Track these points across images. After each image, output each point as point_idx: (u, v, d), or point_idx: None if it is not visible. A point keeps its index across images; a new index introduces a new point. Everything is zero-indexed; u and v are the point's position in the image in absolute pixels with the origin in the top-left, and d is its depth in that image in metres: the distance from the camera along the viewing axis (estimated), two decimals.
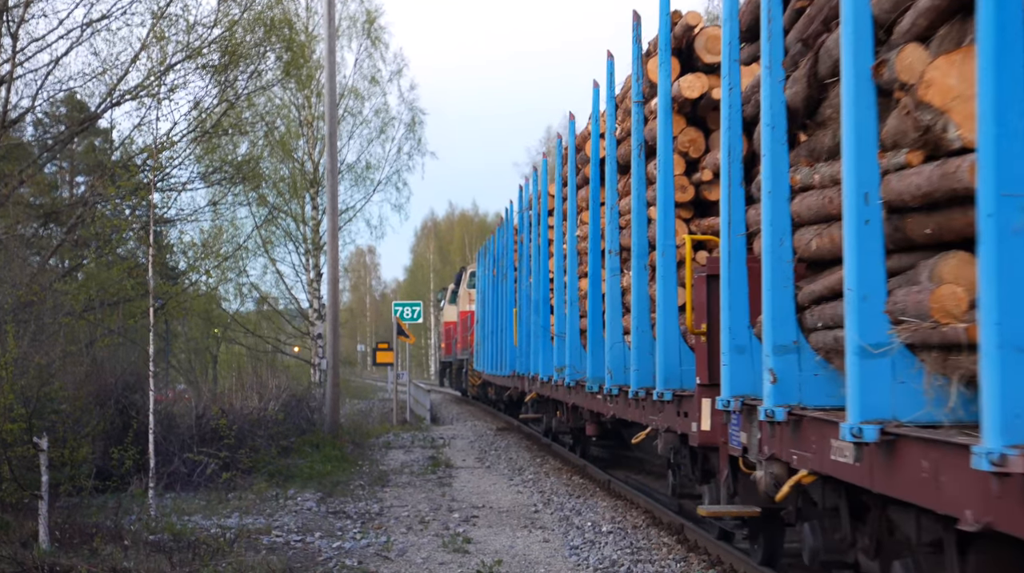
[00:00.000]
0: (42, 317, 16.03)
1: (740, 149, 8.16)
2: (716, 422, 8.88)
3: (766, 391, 6.96)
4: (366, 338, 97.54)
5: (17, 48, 19.65)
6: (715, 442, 8.98)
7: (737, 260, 8.02)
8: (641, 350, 11.32)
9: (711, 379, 8.85)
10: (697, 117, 11.54)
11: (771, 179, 7.11)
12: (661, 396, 10.46)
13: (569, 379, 15.27)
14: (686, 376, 10.25)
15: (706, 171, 11.32)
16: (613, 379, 12.50)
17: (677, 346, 10.47)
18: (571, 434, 19.26)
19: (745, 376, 7.84)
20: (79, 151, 28.25)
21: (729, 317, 7.95)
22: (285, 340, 40.07)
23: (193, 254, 26.04)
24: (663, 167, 10.65)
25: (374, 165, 38.55)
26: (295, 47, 31.19)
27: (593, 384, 13.57)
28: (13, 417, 11.19)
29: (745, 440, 7.80)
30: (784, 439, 6.96)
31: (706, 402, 9.15)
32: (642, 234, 11.48)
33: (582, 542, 11.75)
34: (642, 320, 11.35)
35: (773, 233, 7.08)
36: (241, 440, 16.69)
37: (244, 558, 10.28)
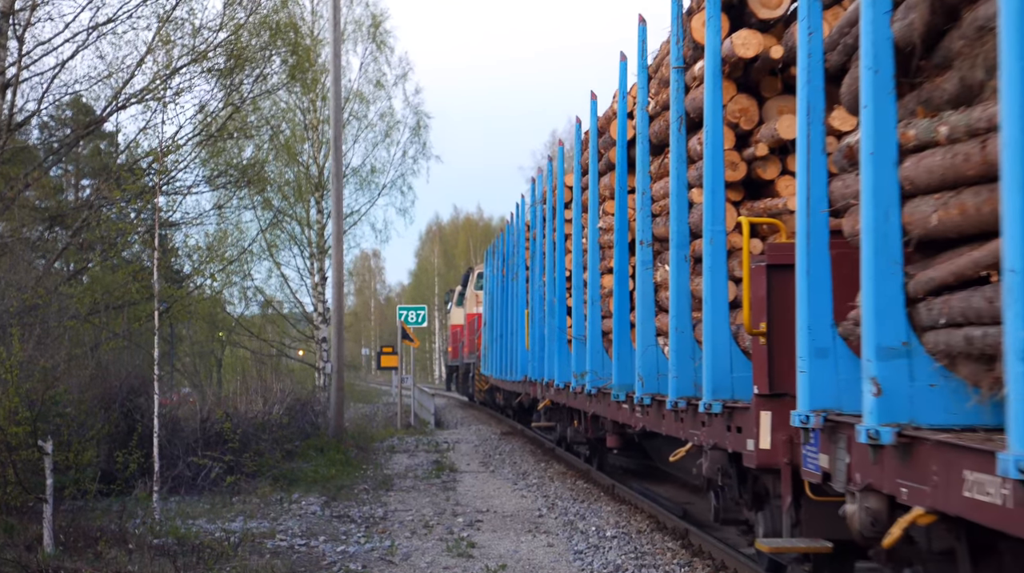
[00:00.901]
0: (47, 320, 16.05)
1: (823, 107, 6.88)
2: (778, 440, 7.78)
3: (866, 406, 5.69)
4: (370, 342, 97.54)
5: (23, 51, 19.67)
6: (776, 463, 7.85)
7: (818, 243, 6.76)
8: (681, 354, 9.96)
9: (772, 388, 7.81)
10: (749, 83, 9.90)
11: (873, 137, 5.78)
12: (708, 408, 8.93)
13: (590, 386, 13.87)
14: (739, 385, 8.94)
15: (760, 145, 9.73)
16: (644, 387, 11.07)
17: (728, 350, 9.09)
18: (588, 445, 17.87)
19: (827, 386, 6.64)
20: (84, 154, 28.28)
21: (807, 314, 6.69)
22: (289, 344, 40.07)
23: (198, 258, 26.09)
24: (711, 140, 9.21)
25: (379, 169, 38.59)
26: (300, 51, 31.23)
27: (619, 392, 12.19)
28: (18, 420, 11.18)
29: (827, 464, 6.58)
30: (890, 467, 5.64)
31: (765, 416, 7.97)
32: (682, 220, 10.09)
33: (586, 547, 11.75)
34: (682, 319, 9.99)
35: (876, 206, 5.75)
36: (245, 444, 16.69)
37: (248, 562, 10.28)
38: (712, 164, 9.21)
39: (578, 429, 17.21)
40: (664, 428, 10.82)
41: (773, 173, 9.57)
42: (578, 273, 15.29)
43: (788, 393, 7.34)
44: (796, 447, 7.42)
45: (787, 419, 7.16)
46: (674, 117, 10.22)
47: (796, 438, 7.38)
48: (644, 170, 11.49)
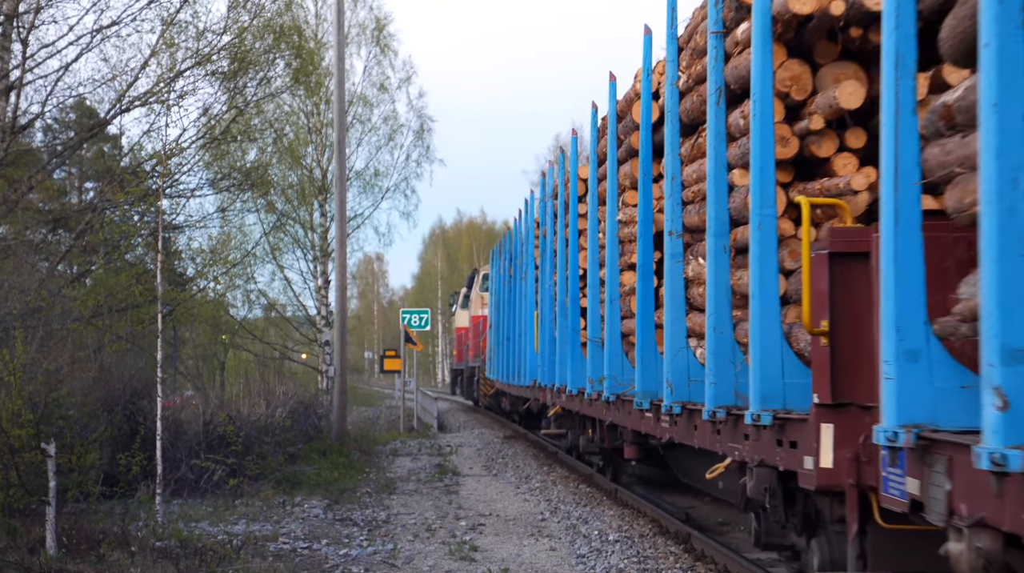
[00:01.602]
0: (50, 323, 16.06)
1: (914, 57, 5.77)
2: (841, 457, 6.81)
3: (988, 422, 4.69)
4: (374, 345, 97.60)
5: (27, 54, 19.70)
6: (839, 485, 6.83)
7: (908, 224, 5.70)
8: (719, 358, 8.85)
9: (836, 397, 6.84)
10: (802, 46, 8.69)
11: (997, 83, 4.67)
12: (756, 419, 7.80)
13: (608, 393, 12.83)
14: (792, 393, 7.84)
15: (815, 118, 8.49)
16: (674, 395, 9.98)
17: (779, 352, 7.91)
18: (601, 455, 16.77)
19: (920, 396, 5.65)
20: (88, 157, 28.30)
21: (895, 309, 5.70)
22: (293, 347, 40.10)
23: (201, 260, 26.08)
24: (760, 111, 8.10)
25: (382, 172, 38.64)
26: (304, 54, 31.28)
27: (643, 400, 11.12)
28: (21, 423, 11.20)
29: (916, 491, 5.62)
30: (1017, 499, 4.64)
31: (827, 429, 6.92)
32: (721, 206, 9.03)
33: (589, 551, 11.74)
34: (721, 318, 8.91)
35: (1001, 171, 4.65)
36: (248, 447, 16.70)
37: (251, 565, 10.28)
38: (761, 139, 8.10)
39: (592, 438, 16.11)
40: (697, 440, 9.69)
41: (829, 149, 8.49)
42: (594, 271, 14.24)
43: (854, 402, 6.72)
44: (864, 466, 6.62)
45: (852, 433, 6.64)
46: (711, 89, 9.20)
47: (864, 455, 6.60)
48: (673, 153, 10.45)
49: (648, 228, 11.40)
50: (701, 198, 9.78)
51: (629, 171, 12.83)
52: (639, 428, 11.99)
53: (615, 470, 16.54)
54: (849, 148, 8.36)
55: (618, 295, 12.90)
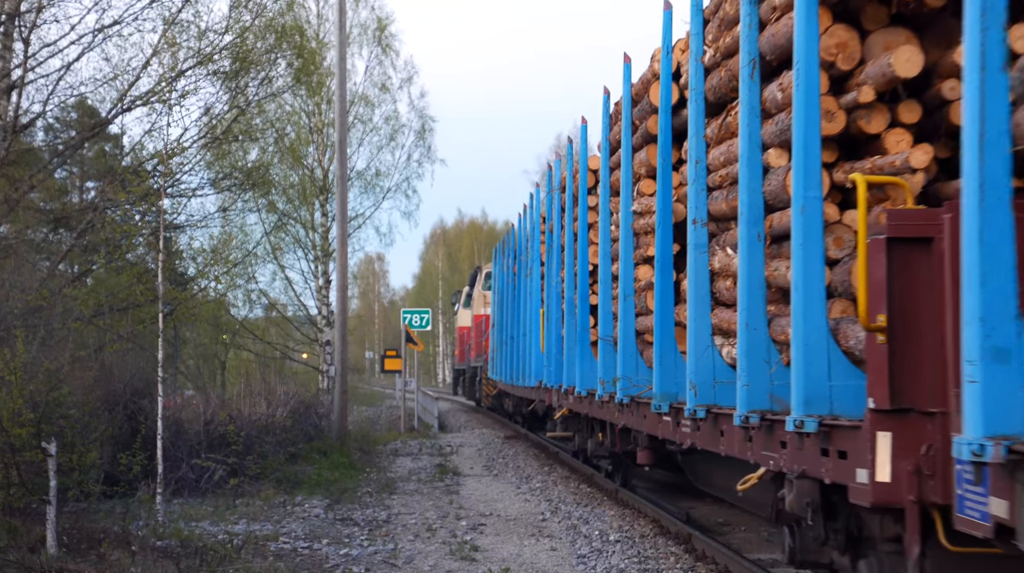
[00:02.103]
0: (51, 322, 16.05)
1: (1004, 4, 5.01)
2: (901, 470, 6.09)
3: None
4: (374, 345, 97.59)
5: (29, 53, 19.69)
6: (898, 501, 6.15)
7: (996, 199, 4.98)
8: (752, 357, 8.12)
9: (894, 402, 6.12)
10: (848, 10, 7.89)
11: None
12: (799, 426, 7.04)
13: (622, 395, 12.05)
14: (839, 396, 7.07)
15: (864, 89, 7.59)
16: (698, 397, 9.25)
17: (825, 351, 7.16)
18: (611, 460, 16.04)
19: (1011, 402, 4.97)
20: (89, 156, 28.30)
21: (980, 301, 5.02)
22: (293, 347, 40.09)
23: (202, 260, 26.03)
24: (804, 81, 7.32)
25: (384, 172, 38.63)
26: (306, 54, 31.28)
27: (661, 403, 10.38)
28: (22, 422, 11.19)
29: (1004, 513, 4.95)
30: None
31: (884, 438, 6.20)
32: (754, 190, 8.29)
33: (589, 551, 11.74)
34: (754, 313, 8.17)
35: None
36: (249, 446, 16.70)
37: (251, 564, 10.28)
38: (805, 113, 7.33)
39: (602, 442, 15.39)
40: (723, 448, 8.95)
41: (880, 124, 7.64)
42: (605, 266, 13.49)
43: (914, 408, 6.08)
44: (926, 480, 6.00)
45: (913, 442, 6.01)
46: (744, 61, 8.46)
47: (926, 468, 5.99)
48: (698, 134, 9.78)
49: (667, 218, 10.68)
50: (730, 182, 9.17)
51: (645, 158, 12.13)
52: (656, 433, 11.22)
53: (625, 475, 15.90)
54: (902, 123, 7.55)
55: (632, 291, 12.15)
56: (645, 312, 11.81)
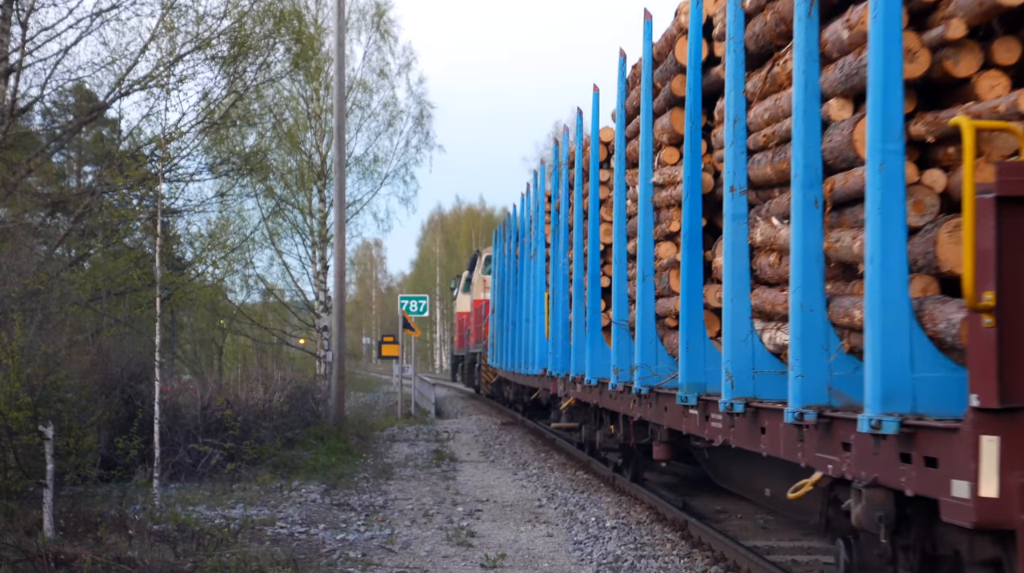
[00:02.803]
0: (49, 306, 16.04)
1: None
2: (1012, 483, 5.11)
3: None
4: (372, 331, 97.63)
5: (26, 37, 19.65)
6: (1008, 521, 5.15)
7: None
8: (809, 343, 7.01)
9: (1004, 399, 5.11)
10: None
11: None
12: (876, 426, 5.99)
13: (640, 385, 11.01)
14: (925, 390, 6.04)
15: (953, 23, 6.38)
16: (735, 389, 8.28)
17: (907, 336, 6.08)
18: (621, 452, 15.06)
19: None
20: (87, 141, 28.26)
21: None
22: (291, 332, 40.09)
23: (200, 245, 25.99)
24: (884, 12, 6.24)
25: (382, 158, 38.58)
26: (304, 39, 31.21)
27: (688, 394, 9.43)
28: (19, 405, 11.19)
29: None
30: None
31: (991, 443, 5.18)
32: (811, 147, 7.17)
33: (586, 537, 11.75)
34: (810, 292, 7.06)
35: None
36: (246, 431, 16.71)
37: (248, 549, 10.28)
38: (884, 50, 6.23)
39: (614, 434, 14.35)
40: (766, 447, 7.92)
41: (970, 66, 6.45)
42: (620, 244, 12.51)
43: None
44: None
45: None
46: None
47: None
48: (737, 90, 8.69)
49: (696, 187, 9.74)
50: (777, 142, 8.22)
51: (668, 124, 11.05)
52: (679, 427, 10.21)
53: (636, 469, 14.91)
54: (997, 64, 6.42)
55: (652, 270, 11.10)
56: (667, 293, 10.92)
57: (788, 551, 10.49)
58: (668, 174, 10.99)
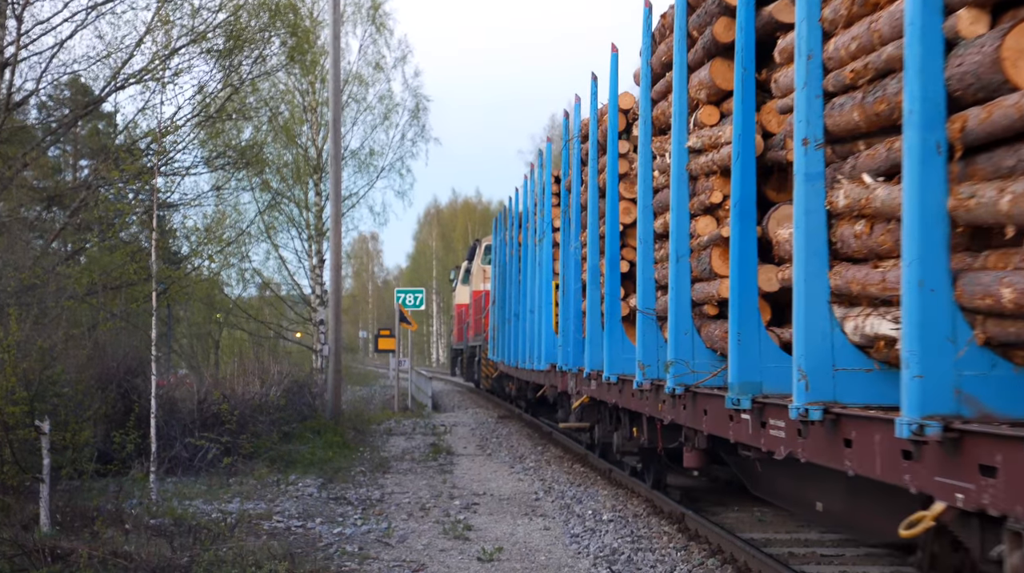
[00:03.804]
0: (45, 300, 16.03)
1: None
2: None
3: None
4: (368, 325, 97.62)
5: (22, 31, 19.63)
6: None
7: None
8: (928, 334, 5.57)
9: None
10: None
11: None
12: None
13: (673, 383, 9.59)
14: None
15: None
16: (811, 392, 6.74)
17: None
18: (641, 456, 13.61)
19: None
20: (83, 134, 28.24)
21: None
22: (287, 326, 40.09)
23: (196, 239, 26.04)
24: None
25: (378, 151, 38.57)
26: (300, 32, 31.12)
27: (740, 396, 7.92)
28: (15, 400, 11.18)
29: None
30: None
31: None
32: (931, 77, 5.63)
33: (583, 530, 11.75)
34: (931, 267, 5.60)
35: None
36: (242, 425, 16.70)
37: (245, 543, 10.28)
38: None
39: (636, 438, 12.88)
40: (853, 465, 6.38)
41: None
42: (645, 222, 11.14)
43: None
44: None
45: None
46: None
47: None
48: (811, 19, 7.17)
49: (748, 147, 8.33)
50: (869, 78, 6.67)
51: (707, 78, 9.59)
52: (724, 434, 8.70)
53: (658, 476, 13.36)
54: None
55: (687, 250, 9.75)
56: (706, 276, 9.52)
57: (785, 543, 10.49)
58: (707, 137, 9.58)
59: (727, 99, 9.40)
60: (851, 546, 10.12)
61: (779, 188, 8.79)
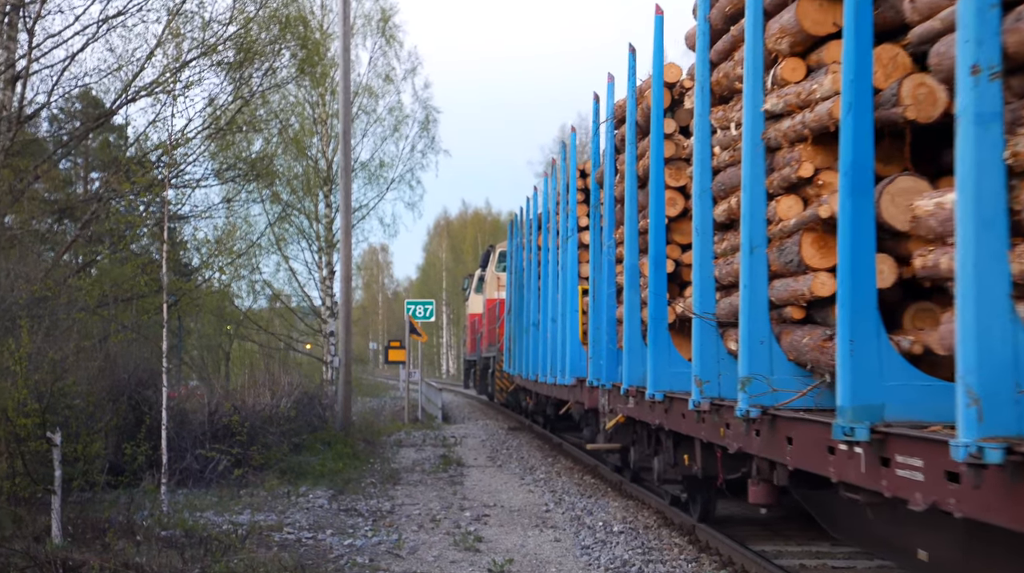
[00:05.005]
0: (56, 312, 16.07)
1: None
2: None
3: None
4: (378, 336, 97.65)
5: (33, 44, 19.69)
6: None
7: None
8: None
9: None
10: None
11: None
12: None
13: (747, 404, 7.88)
14: None
15: None
16: (986, 423, 4.93)
17: None
18: (686, 485, 11.86)
19: None
20: (94, 147, 28.32)
21: None
22: (297, 337, 40.12)
23: (207, 251, 26.08)
24: None
25: (388, 163, 38.60)
26: (310, 45, 31.21)
27: (856, 424, 6.12)
28: (27, 412, 11.21)
29: None
30: None
31: None
32: None
33: (593, 542, 11.74)
34: None
35: None
36: (253, 437, 16.73)
37: (256, 554, 10.29)
38: None
39: (689, 466, 10.91)
40: None
41: None
42: (703, 209, 9.52)
43: None
44: None
45: None
46: None
47: None
48: None
49: (865, 94, 6.40)
50: None
51: (792, 22, 8.00)
52: (822, 470, 6.86)
53: (706, 507, 11.67)
54: None
55: (764, 239, 8.19)
56: (793, 270, 7.92)
57: (796, 555, 10.48)
58: (793, 94, 8.00)
59: (816, 49, 8.02)
60: (863, 558, 10.10)
61: (888, 158, 7.04)
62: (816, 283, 7.64)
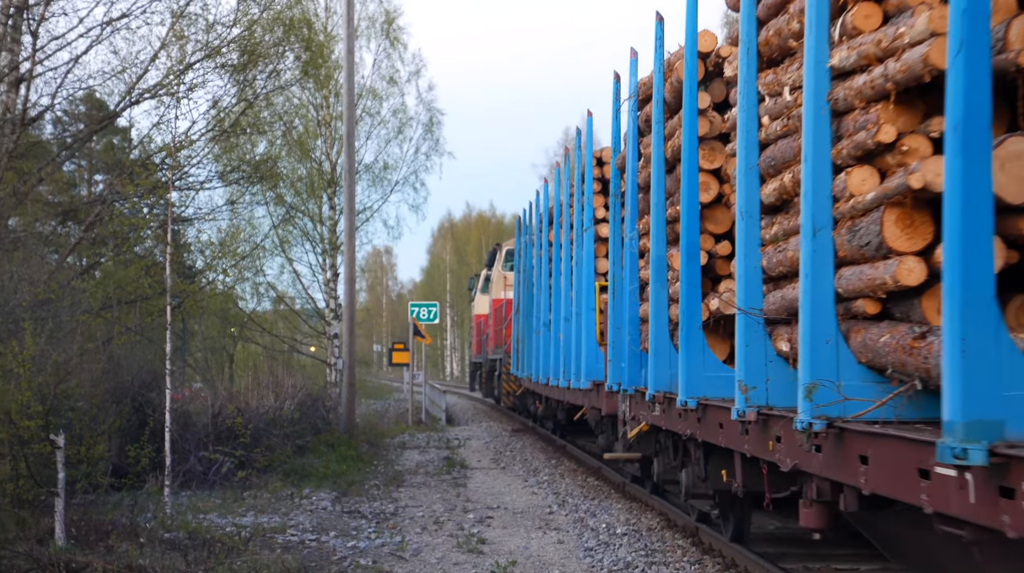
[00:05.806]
0: (60, 315, 16.08)
1: None
2: None
3: None
4: (382, 338, 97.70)
5: (37, 46, 19.71)
6: None
7: None
8: None
9: None
10: None
11: None
12: None
13: (810, 416, 6.69)
14: None
15: None
16: None
17: None
18: (718, 500, 10.65)
19: None
20: (98, 149, 28.34)
21: None
22: (301, 340, 40.13)
23: (210, 253, 26.12)
24: None
25: (392, 165, 38.61)
26: (314, 47, 31.26)
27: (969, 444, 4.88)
28: (30, 414, 11.22)
29: None
30: None
31: None
32: None
33: (596, 544, 11.74)
34: None
35: None
36: (257, 439, 16.73)
37: (259, 556, 10.29)
38: None
39: (729, 485, 9.68)
40: None
41: None
42: (748, 189, 8.40)
43: None
44: None
45: None
46: None
47: None
48: None
49: (981, 27, 4.99)
50: None
51: None
52: (911, 499, 5.62)
53: (740, 525, 10.56)
54: None
55: (829, 220, 6.96)
56: (869, 255, 6.63)
57: (799, 557, 10.47)
58: (871, 43, 6.73)
59: None
60: (866, 561, 10.09)
61: (1000, 119, 5.72)
62: (902, 269, 6.30)
